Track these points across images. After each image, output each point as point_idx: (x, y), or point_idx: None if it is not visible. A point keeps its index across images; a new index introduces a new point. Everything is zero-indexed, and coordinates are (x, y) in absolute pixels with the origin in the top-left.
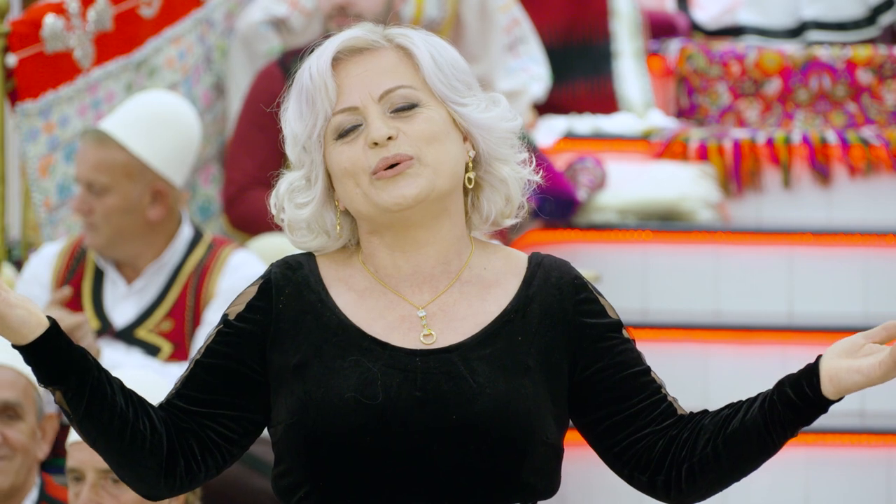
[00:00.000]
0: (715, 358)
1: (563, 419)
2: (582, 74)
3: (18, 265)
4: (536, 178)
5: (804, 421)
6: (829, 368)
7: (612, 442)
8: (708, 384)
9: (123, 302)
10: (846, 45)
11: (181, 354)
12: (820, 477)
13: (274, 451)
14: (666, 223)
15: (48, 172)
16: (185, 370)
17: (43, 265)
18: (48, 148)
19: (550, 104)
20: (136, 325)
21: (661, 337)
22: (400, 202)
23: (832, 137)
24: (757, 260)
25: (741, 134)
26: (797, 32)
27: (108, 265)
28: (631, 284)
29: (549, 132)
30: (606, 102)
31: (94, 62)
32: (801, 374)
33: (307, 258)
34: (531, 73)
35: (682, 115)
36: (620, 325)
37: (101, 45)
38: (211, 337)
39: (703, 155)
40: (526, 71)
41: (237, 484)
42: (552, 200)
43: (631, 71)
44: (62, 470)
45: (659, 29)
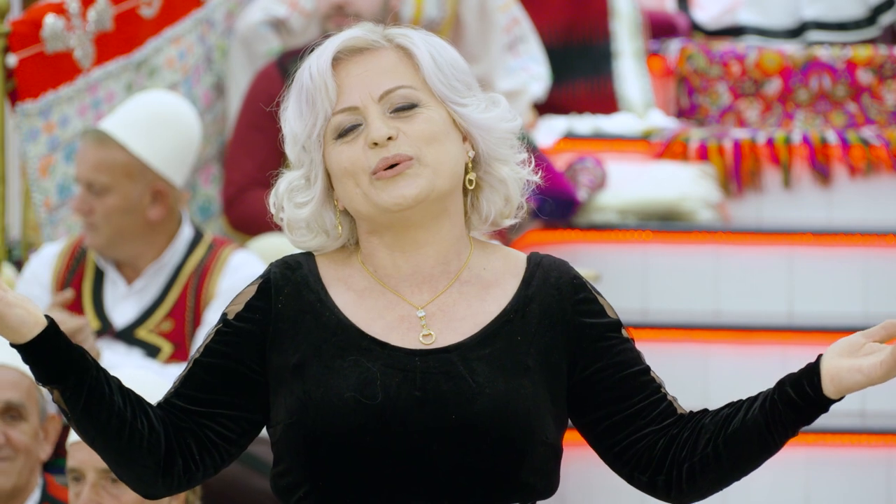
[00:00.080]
0: (715, 358)
1: (562, 419)
2: (582, 74)
3: (19, 265)
4: (536, 178)
5: (805, 420)
6: (829, 368)
7: (612, 442)
8: (708, 384)
9: (124, 302)
10: (846, 45)
11: (181, 355)
12: (820, 477)
13: (273, 450)
14: (666, 223)
15: (48, 172)
16: (183, 369)
17: (43, 265)
18: (48, 148)
19: (550, 104)
20: (136, 325)
21: (661, 337)
22: (400, 202)
23: (832, 137)
24: (757, 260)
25: (741, 134)
26: (797, 32)
27: (108, 265)
28: (631, 284)
29: (549, 132)
30: (606, 102)
31: (94, 62)
32: (801, 373)
33: (306, 258)
34: (531, 72)
35: (682, 115)
36: (619, 324)
37: (101, 45)
38: (210, 336)
39: (703, 155)
40: (526, 70)
41: (237, 484)
42: (552, 200)
43: (631, 71)
44: (63, 470)
45: (659, 29)
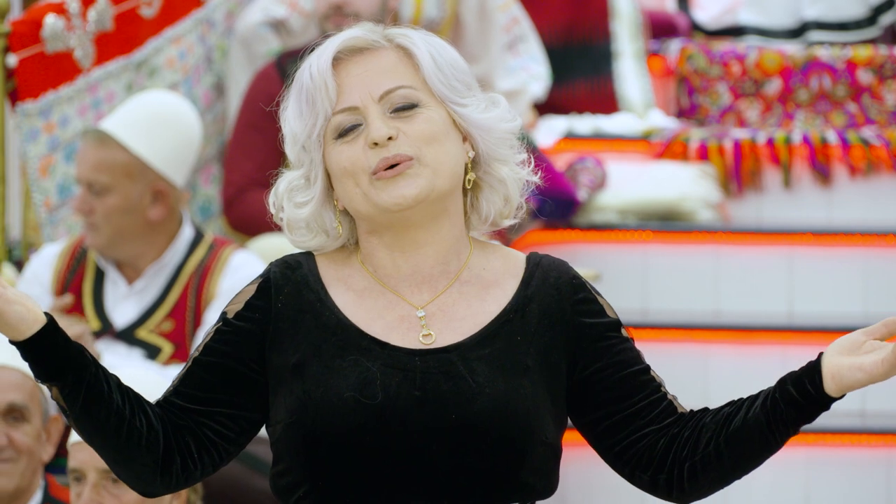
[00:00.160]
0: (715, 358)
1: (561, 419)
2: (582, 75)
3: (19, 265)
4: (535, 178)
5: (806, 418)
6: (831, 366)
7: (612, 441)
8: (708, 384)
9: (124, 302)
10: (847, 45)
11: (182, 355)
12: (820, 477)
13: (272, 450)
14: (666, 223)
15: (48, 172)
16: (183, 368)
17: (43, 266)
18: (48, 148)
19: (551, 104)
20: (136, 325)
21: (661, 337)
22: (400, 202)
23: (832, 137)
24: (757, 260)
25: (741, 134)
26: (798, 32)
27: (108, 265)
28: (631, 284)
29: (549, 132)
30: (607, 102)
31: (94, 62)
32: (803, 371)
33: (306, 257)
34: (531, 71)
35: (682, 115)
36: (619, 324)
37: (101, 45)
38: (209, 335)
39: (703, 155)
40: (526, 70)
41: (238, 484)
42: (552, 200)
43: (631, 71)
44: (64, 469)
45: (659, 29)
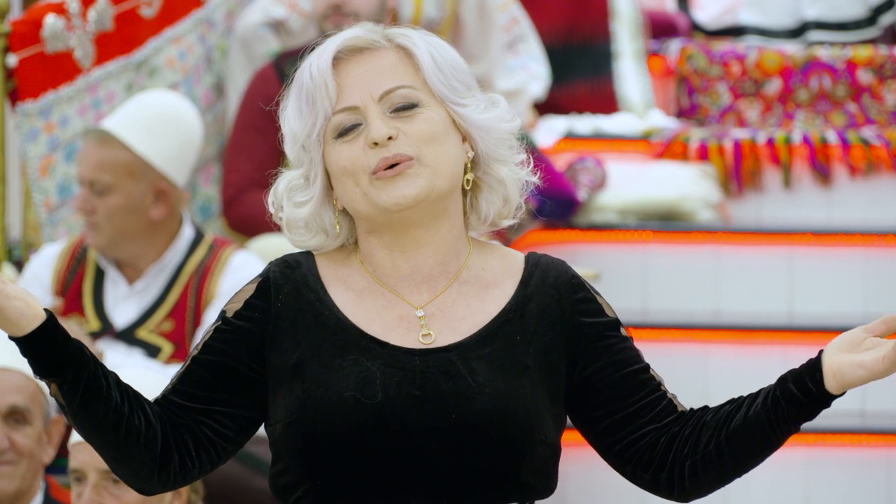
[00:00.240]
0: (715, 358)
1: (561, 419)
2: (582, 75)
3: (19, 265)
4: (534, 179)
5: (807, 416)
6: (831, 364)
7: (613, 440)
8: (708, 384)
9: (124, 302)
10: (847, 45)
11: (182, 355)
12: (820, 477)
13: (271, 450)
14: (666, 223)
15: (48, 172)
16: (182, 366)
17: (43, 266)
18: (48, 148)
19: (551, 104)
20: (136, 325)
21: (661, 337)
22: (400, 202)
23: (832, 137)
24: (757, 260)
25: (741, 134)
26: (798, 32)
27: (109, 265)
28: (631, 284)
29: (549, 132)
30: (607, 103)
31: (94, 62)
32: (803, 369)
33: (306, 257)
34: (531, 71)
35: (682, 115)
36: (618, 323)
37: (101, 45)
38: (208, 334)
39: (703, 155)
40: (525, 69)
41: (238, 484)
42: (552, 200)
43: (631, 71)
44: (64, 469)
45: (659, 29)
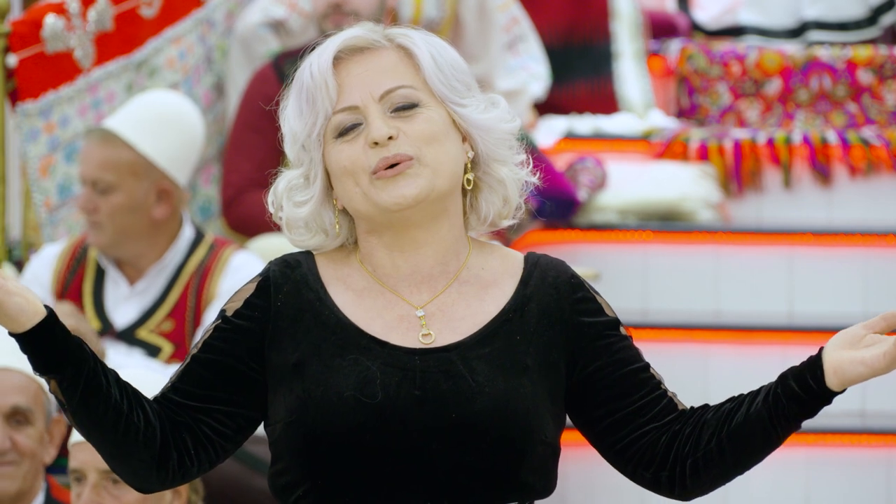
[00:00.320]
0: (715, 358)
1: (560, 418)
2: (582, 75)
3: (19, 265)
4: (534, 179)
5: (808, 413)
6: (832, 361)
7: (614, 439)
8: (708, 384)
9: (125, 303)
10: (847, 45)
11: (182, 355)
12: (820, 477)
13: (271, 449)
14: (666, 223)
15: (48, 172)
16: (181, 365)
17: (43, 266)
18: (48, 148)
19: (551, 104)
20: (137, 325)
21: (661, 337)
22: (400, 202)
23: (833, 137)
24: (757, 260)
25: (742, 134)
26: (798, 32)
27: (109, 265)
28: (631, 284)
29: (549, 132)
30: (607, 103)
31: (94, 62)
32: (804, 366)
33: (305, 257)
34: (531, 71)
35: (682, 115)
36: (618, 322)
37: (101, 45)
38: (208, 332)
39: (703, 155)
40: (525, 69)
41: (238, 484)
42: (553, 200)
43: (631, 71)
44: (64, 469)
45: (659, 29)
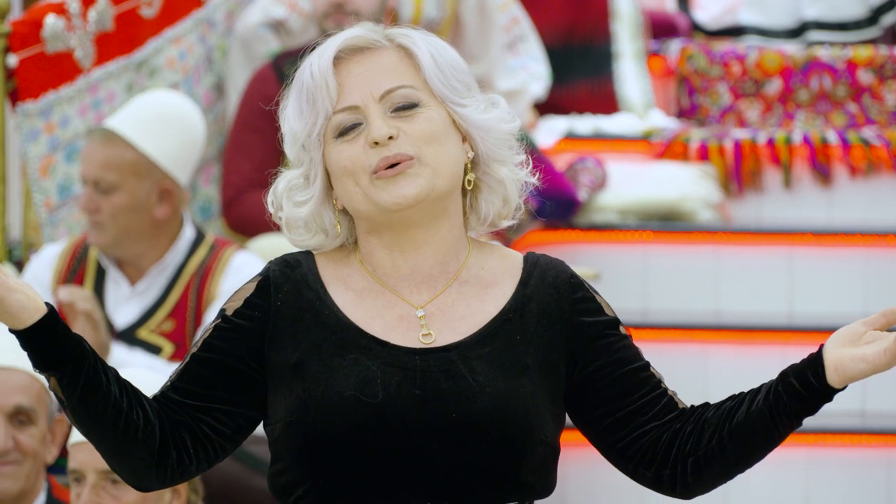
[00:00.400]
0: (715, 358)
1: (560, 418)
2: (582, 75)
3: (19, 265)
4: (534, 179)
5: (810, 411)
6: (833, 357)
7: (615, 438)
8: (708, 384)
9: (126, 303)
10: (847, 45)
11: (182, 355)
12: (820, 477)
13: (270, 449)
14: (666, 223)
15: (49, 173)
16: (180, 363)
17: (44, 266)
18: (49, 148)
19: (551, 104)
20: (137, 325)
21: (661, 337)
22: (400, 202)
23: (833, 138)
24: (757, 260)
25: (742, 134)
26: (798, 32)
27: (110, 265)
28: (631, 284)
29: (549, 132)
30: (607, 103)
31: (94, 62)
32: (805, 364)
33: (305, 256)
34: (531, 71)
35: (682, 115)
36: (617, 322)
37: (101, 45)
38: (208, 331)
39: (703, 155)
40: (526, 69)
41: (238, 484)
42: (553, 201)
43: (631, 72)
44: (64, 470)
45: (659, 29)
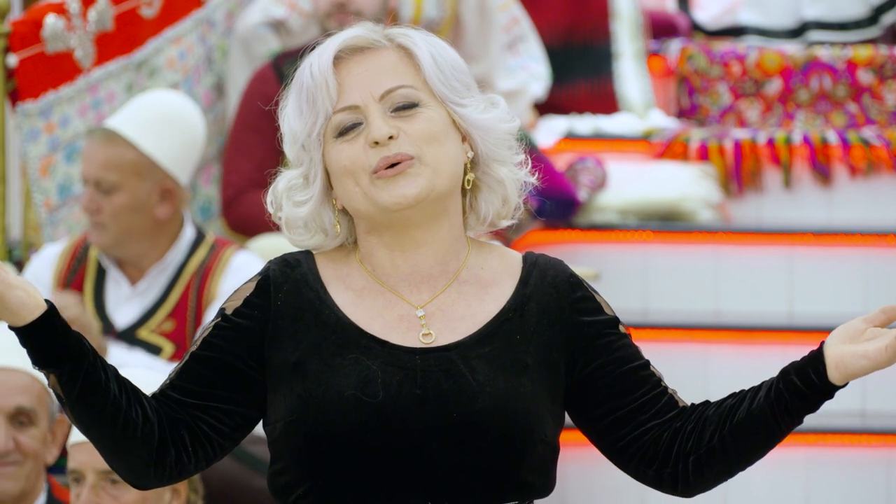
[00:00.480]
0: (715, 358)
1: (560, 417)
2: (582, 75)
3: (19, 265)
4: (533, 179)
5: (811, 408)
6: (834, 355)
7: (615, 437)
8: (708, 384)
9: (126, 303)
10: (847, 45)
11: (182, 355)
12: (820, 477)
13: (270, 449)
14: (666, 223)
15: (49, 173)
16: (180, 362)
17: (44, 266)
18: (49, 148)
19: (551, 104)
20: (137, 325)
21: (661, 337)
22: (400, 202)
23: (833, 138)
24: (757, 260)
25: (742, 134)
26: (798, 32)
27: (111, 265)
28: (631, 284)
29: (549, 132)
30: (607, 103)
31: (94, 62)
32: (806, 361)
33: (305, 256)
34: (531, 71)
35: (682, 115)
36: (617, 321)
37: (101, 45)
38: (207, 330)
39: (703, 155)
40: (526, 69)
41: (238, 484)
42: (553, 201)
43: (631, 71)
44: (63, 470)
45: (659, 29)
